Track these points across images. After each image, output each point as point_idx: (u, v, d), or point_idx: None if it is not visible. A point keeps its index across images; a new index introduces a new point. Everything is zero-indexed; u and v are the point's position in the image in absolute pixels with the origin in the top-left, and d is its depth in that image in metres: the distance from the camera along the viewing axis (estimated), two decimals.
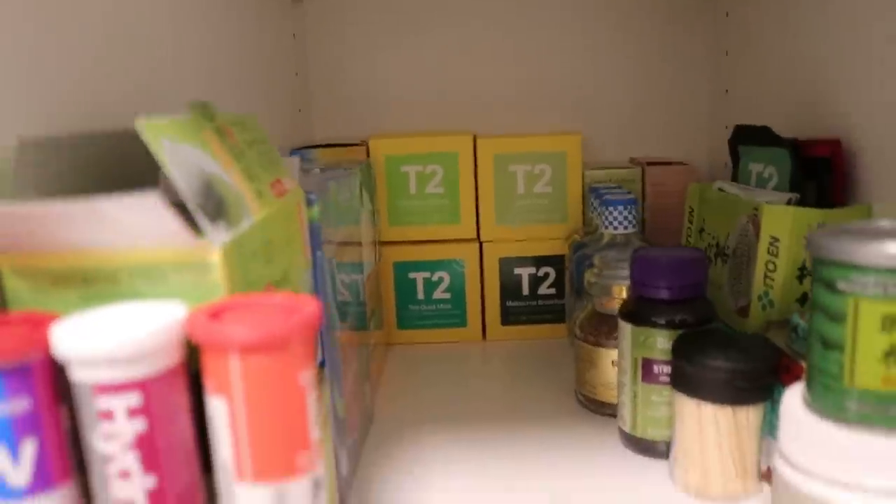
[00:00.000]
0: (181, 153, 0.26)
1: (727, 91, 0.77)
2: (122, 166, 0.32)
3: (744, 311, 0.52)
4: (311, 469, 0.24)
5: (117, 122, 0.40)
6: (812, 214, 0.49)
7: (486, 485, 0.47)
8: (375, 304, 0.65)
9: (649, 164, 0.74)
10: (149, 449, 0.23)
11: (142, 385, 0.22)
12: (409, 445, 0.52)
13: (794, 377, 0.42)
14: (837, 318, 0.32)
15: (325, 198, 0.43)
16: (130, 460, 0.23)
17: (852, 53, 0.52)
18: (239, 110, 0.61)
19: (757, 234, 0.51)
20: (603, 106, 0.84)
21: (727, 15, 0.76)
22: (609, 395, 0.55)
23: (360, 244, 0.58)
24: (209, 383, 0.23)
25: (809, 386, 0.34)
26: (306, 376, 0.23)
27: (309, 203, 0.40)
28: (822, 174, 0.53)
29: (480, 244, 0.72)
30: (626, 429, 0.50)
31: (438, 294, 0.73)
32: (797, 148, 0.53)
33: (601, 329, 0.55)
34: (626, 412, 0.50)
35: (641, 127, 0.84)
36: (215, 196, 0.27)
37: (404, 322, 0.74)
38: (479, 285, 0.73)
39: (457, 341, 0.74)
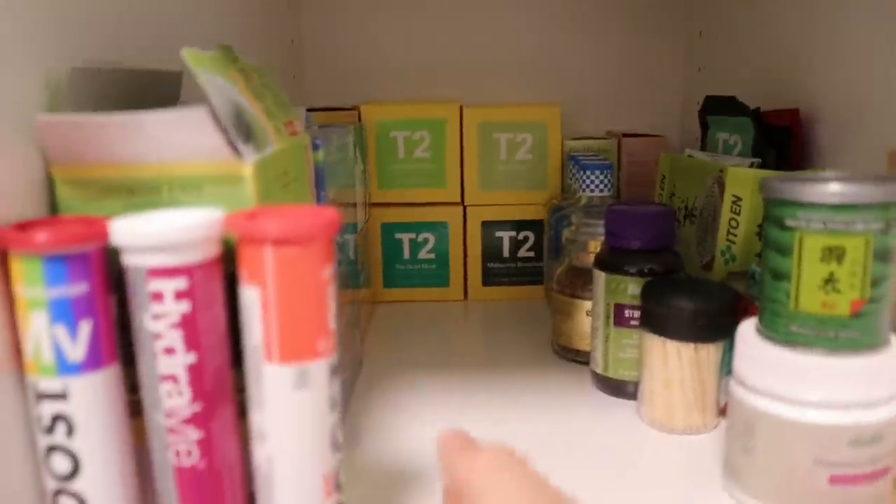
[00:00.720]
0: (216, 83, 0.30)
1: (700, 69, 0.81)
2: (155, 102, 0.36)
3: (708, 266, 0.57)
4: (329, 354, 0.28)
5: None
6: (771, 176, 0.53)
7: (467, 421, 0.51)
8: (364, 263, 0.69)
9: (625, 135, 0.79)
10: (191, 329, 0.27)
11: (188, 271, 0.26)
12: (396, 389, 0.56)
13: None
14: (785, 251, 0.36)
15: (329, 147, 0.47)
16: (175, 338, 0.26)
17: (812, 33, 0.57)
18: None
19: (721, 195, 0.55)
20: (583, 81, 0.89)
21: None
22: (583, 344, 0.59)
23: (353, 205, 0.62)
24: (245, 274, 0.27)
25: (761, 315, 0.39)
26: (327, 271, 0.27)
27: (315, 147, 0.43)
28: (783, 142, 0.57)
29: (464, 208, 0.76)
30: (599, 370, 0.54)
31: (423, 255, 0.77)
32: (760, 117, 0.57)
33: (577, 282, 0.59)
34: (598, 355, 0.54)
35: (618, 101, 0.89)
36: (245, 123, 0.30)
37: (390, 281, 0.78)
38: (462, 247, 0.77)
39: (440, 300, 0.78)
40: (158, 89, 0.40)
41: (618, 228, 0.52)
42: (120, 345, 0.29)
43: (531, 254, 0.77)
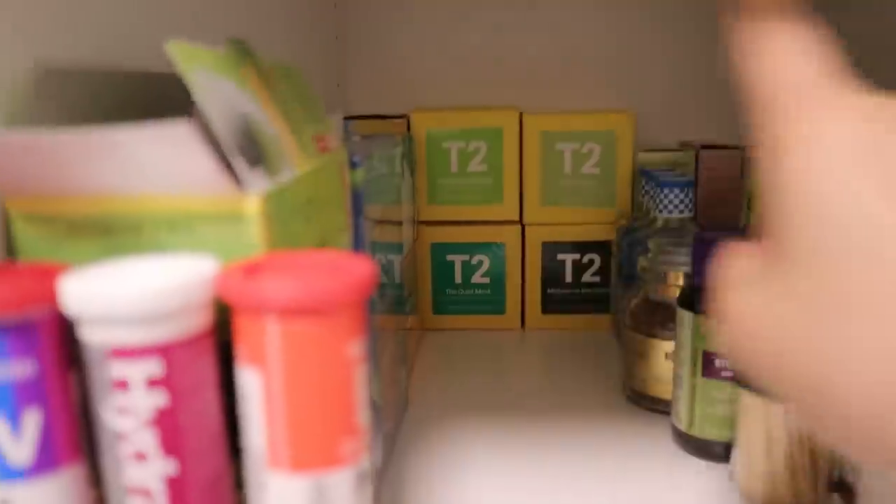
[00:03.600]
0: (217, 87, 0.23)
1: None
2: (154, 112, 0.29)
3: None
4: (356, 460, 0.21)
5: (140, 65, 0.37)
6: None
7: (526, 483, 0.43)
8: (411, 287, 0.62)
9: (703, 147, 0.70)
10: (170, 428, 0.19)
11: (164, 350, 0.19)
12: (445, 437, 0.49)
13: None
14: None
15: (369, 164, 0.40)
16: (147, 440, 0.19)
17: None
18: None
19: None
20: (653, 84, 0.80)
21: None
22: (660, 390, 0.51)
23: (399, 223, 0.54)
24: (242, 352, 0.20)
25: None
26: (355, 348, 0.20)
27: (353, 166, 0.36)
28: None
29: (523, 227, 0.69)
30: (682, 427, 0.46)
31: (477, 278, 0.69)
32: None
33: (654, 319, 0.51)
34: (682, 409, 0.46)
35: (694, 107, 0.80)
36: (254, 140, 0.23)
37: (440, 307, 0.70)
38: (519, 270, 0.69)
39: (494, 329, 0.70)
40: (171, 97, 0.33)
41: (708, 263, 0.44)
42: (87, 437, 0.22)
43: (597, 279, 0.69)
